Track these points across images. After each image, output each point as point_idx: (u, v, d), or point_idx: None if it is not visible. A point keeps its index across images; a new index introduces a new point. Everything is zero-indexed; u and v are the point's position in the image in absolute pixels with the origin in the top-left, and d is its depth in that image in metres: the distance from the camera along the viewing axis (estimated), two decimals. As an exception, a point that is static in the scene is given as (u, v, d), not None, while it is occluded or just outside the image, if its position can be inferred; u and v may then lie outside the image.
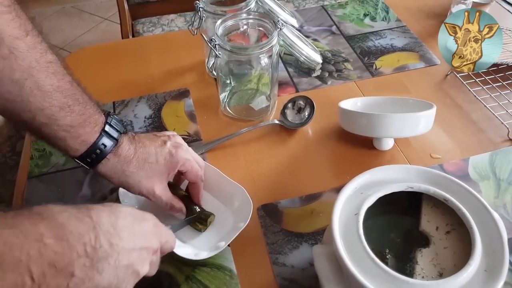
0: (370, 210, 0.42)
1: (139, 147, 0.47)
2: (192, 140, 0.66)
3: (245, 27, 0.66)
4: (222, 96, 0.70)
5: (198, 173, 0.52)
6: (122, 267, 0.35)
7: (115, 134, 0.46)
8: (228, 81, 0.69)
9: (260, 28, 0.65)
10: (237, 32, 0.67)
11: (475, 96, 0.69)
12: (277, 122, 0.67)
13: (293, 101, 0.67)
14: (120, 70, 0.80)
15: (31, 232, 0.29)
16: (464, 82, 0.71)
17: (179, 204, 0.52)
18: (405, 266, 0.40)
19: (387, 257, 0.41)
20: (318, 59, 0.73)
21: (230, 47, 0.59)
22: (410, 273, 0.39)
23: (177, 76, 0.78)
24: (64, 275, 0.30)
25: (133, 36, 1.21)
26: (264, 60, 0.61)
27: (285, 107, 0.67)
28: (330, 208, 0.57)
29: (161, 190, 0.49)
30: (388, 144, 0.61)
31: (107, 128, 0.45)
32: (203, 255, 0.49)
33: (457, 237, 0.41)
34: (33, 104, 0.40)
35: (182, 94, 0.74)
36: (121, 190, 0.56)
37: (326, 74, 0.76)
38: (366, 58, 0.79)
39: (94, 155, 0.44)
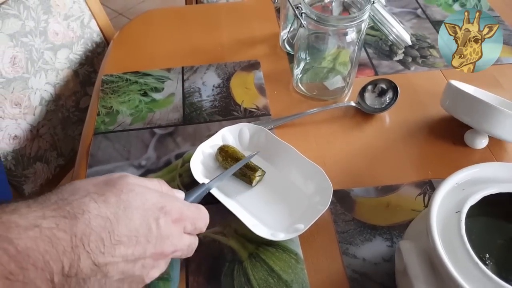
0: (470, 210, 0.37)
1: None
2: (260, 114, 0.63)
3: (332, -2, 0.61)
4: (296, 71, 0.66)
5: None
6: (113, 283, 0.29)
7: None
8: (303, 56, 0.65)
9: (347, 0, 0.60)
10: (320, 4, 0.63)
11: None
12: (353, 104, 0.62)
13: (374, 83, 0.62)
14: (190, 35, 0.77)
15: None
16: None
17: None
18: (509, 276, 0.35)
19: (487, 263, 0.36)
20: (408, 39, 0.68)
21: (317, 16, 0.55)
22: (517, 286, 0.34)
23: (247, 47, 0.75)
24: None
25: (196, 3, 1.19)
26: (351, 35, 0.57)
27: (364, 89, 0.62)
28: (408, 202, 0.53)
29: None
30: (481, 142, 0.55)
31: None
32: (280, 236, 0.46)
33: None
34: None
35: (252, 65, 0.71)
36: (195, 156, 0.53)
37: (409, 59, 0.70)
38: (454, 46, 0.72)
39: None
